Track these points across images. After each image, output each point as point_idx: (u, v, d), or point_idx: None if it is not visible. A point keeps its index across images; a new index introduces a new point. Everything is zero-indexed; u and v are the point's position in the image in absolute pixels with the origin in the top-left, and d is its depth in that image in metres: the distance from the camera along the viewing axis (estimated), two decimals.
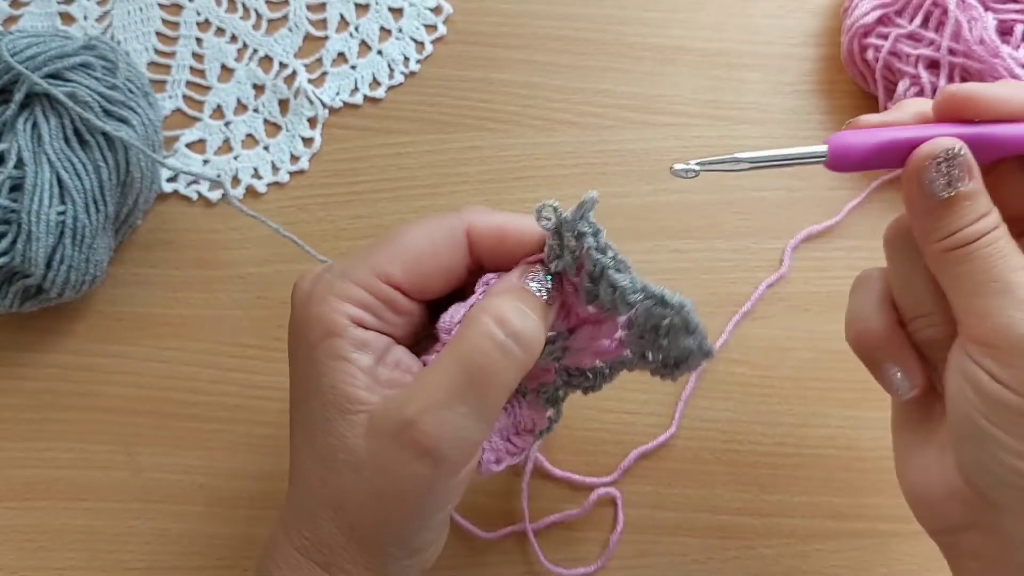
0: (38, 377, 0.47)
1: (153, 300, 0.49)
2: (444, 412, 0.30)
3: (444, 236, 0.33)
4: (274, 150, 0.53)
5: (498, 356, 0.30)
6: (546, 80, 0.54)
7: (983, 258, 0.29)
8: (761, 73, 0.54)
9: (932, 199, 0.30)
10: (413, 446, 0.30)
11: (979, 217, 0.30)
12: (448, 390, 0.30)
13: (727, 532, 0.44)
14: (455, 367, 0.30)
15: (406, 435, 0.30)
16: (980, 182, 0.30)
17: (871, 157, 0.32)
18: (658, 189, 0.51)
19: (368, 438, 0.30)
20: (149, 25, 0.55)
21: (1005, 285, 0.29)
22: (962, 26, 0.47)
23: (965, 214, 0.30)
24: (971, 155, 0.30)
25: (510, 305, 0.31)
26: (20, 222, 0.43)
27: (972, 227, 0.30)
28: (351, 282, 0.32)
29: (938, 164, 0.30)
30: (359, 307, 0.32)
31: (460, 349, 0.30)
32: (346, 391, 0.31)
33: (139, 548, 0.44)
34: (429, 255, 0.32)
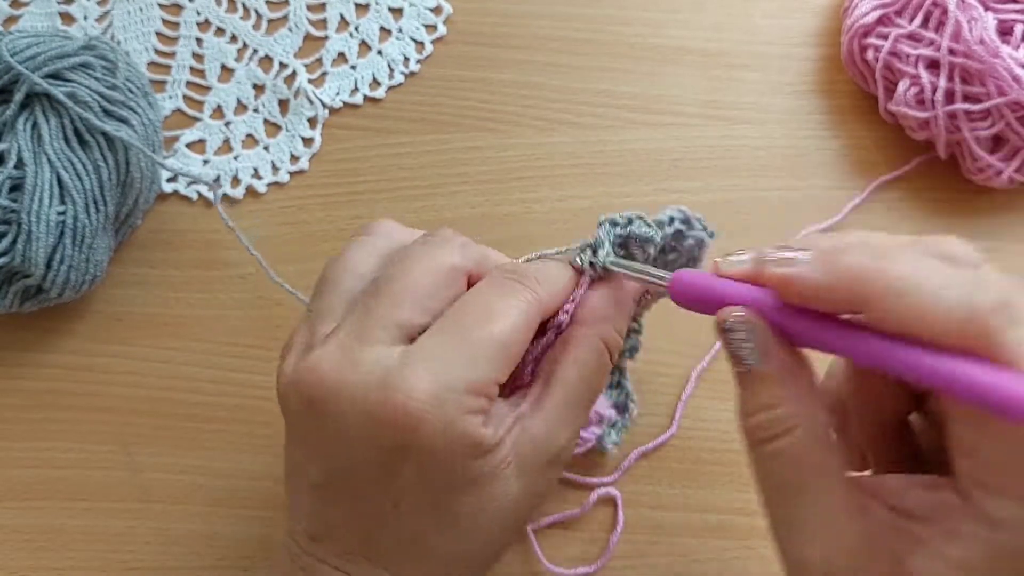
0: (38, 377, 0.47)
1: (153, 300, 0.49)
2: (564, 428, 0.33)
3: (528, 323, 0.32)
4: (274, 150, 0.53)
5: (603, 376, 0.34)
6: (546, 80, 0.54)
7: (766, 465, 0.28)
8: (761, 73, 0.54)
9: (735, 368, 0.28)
10: (562, 466, 0.34)
11: (766, 406, 0.28)
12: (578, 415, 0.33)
13: (727, 532, 0.44)
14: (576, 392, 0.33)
15: (559, 459, 0.33)
16: (774, 363, 0.27)
17: (699, 303, 0.30)
18: (658, 189, 0.51)
19: (521, 478, 0.32)
20: (149, 25, 0.55)
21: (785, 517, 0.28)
22: (962, 26, 0.47)
23: (747, 400, 0.28)
24: (765, 331, 0.28)
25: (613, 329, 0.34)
26: (20, 222, 0.43)
27: (750, 420, 0.28)
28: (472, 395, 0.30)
29: (723, 334, 0.28)
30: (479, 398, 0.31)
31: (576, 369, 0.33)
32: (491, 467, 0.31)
33: (139, 548, 0.44)
34: (522, 345, 0.32)
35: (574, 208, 0.51)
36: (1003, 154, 0.48)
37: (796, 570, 0.28)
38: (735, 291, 0.29)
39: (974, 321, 0.24)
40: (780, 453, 0.28)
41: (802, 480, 0.27)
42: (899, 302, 0.24)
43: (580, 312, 0.34)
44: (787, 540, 0.28)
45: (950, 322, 0.24)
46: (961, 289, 0.24)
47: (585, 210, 0.50)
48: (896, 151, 0.51)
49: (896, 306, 0.24)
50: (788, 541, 0.28)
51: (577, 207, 0.51)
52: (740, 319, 0.28)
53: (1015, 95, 0.45)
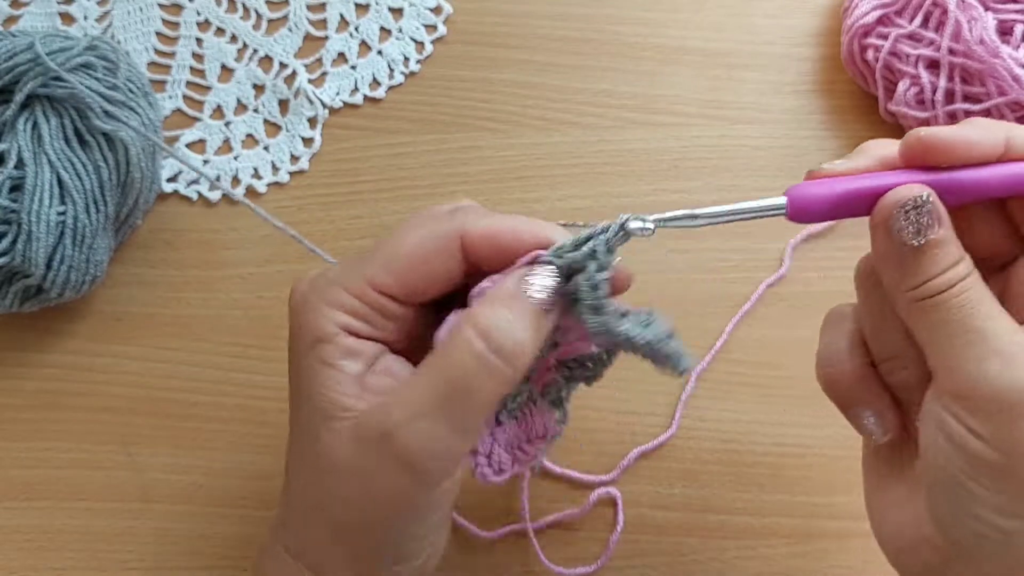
0: (38, 377, 0.47)
1: (153, 300, 0.49)
2: (423, 424, 0.29)
3: (436, 242, 0.32)
4: (274, 150, 0.53)
5: (479, 371, 0.29)
6: (546, 80, 0.54)
7: (956, 308, 0.29)
8: (761, 73, 0.54)
9: (901, 248, 0.29)
10: (392, 458, 0.29)
11: (950, 265, 0.29)
12: (428, 403, 0.29)
13: (727, 532, 0.44)
14: (436, 380, 0.30)
15: (385, 446, 0.29)
16: (950, 230, 0.29)
17: (834, 208, 0.31)
18: (658, 189, 0.51)
19: (351, 444, 0.30)
20: (149, 25, 0.55)
21: (979, 335, 0.28)
22: (962, 26, 0.47)
23: (936, 263, 0.29)
24: (940, 202, 0.29)
25: (497, 316, 0.30)
26: (20, 222, 0.43)
27: (943, 276, 0.29)
28: (343, 289, 0.32)
29: (906, 212, 0.29)
30: (350, 314, 0.31)
31: (441, 362, 0.30)
32: (332, 397, 0.31)
33: (139, 548, 0.44)
34: (420, 262, 0.32)
35: (574, 208, 0.51)
36: None
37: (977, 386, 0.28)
38: (878, 181, 0.30)
39: None
40: (968, 292, 0.29)
41: (985, 312, 0.29)
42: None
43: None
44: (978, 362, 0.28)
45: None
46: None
47: (585, 210, 0.50)
48: None
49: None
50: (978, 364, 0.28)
51: (577, 207, 0.51)
52: (924, 196, 0.29)
53: (1015, 95, 0.45)
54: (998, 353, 0.28)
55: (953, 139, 0.30)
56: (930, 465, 0.29)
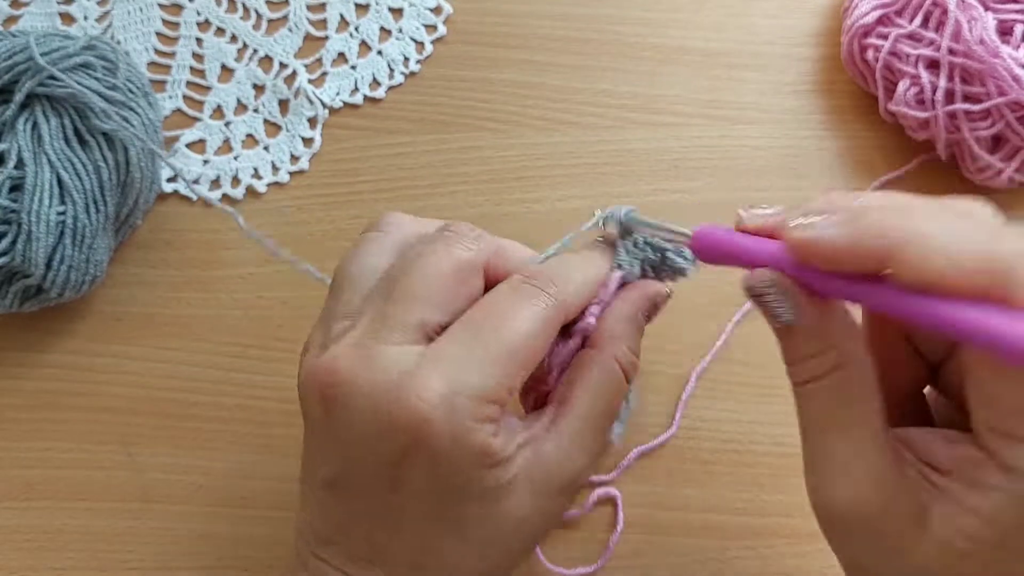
0: (38, 377, 0.47)
1: (153, 300, 0.49)
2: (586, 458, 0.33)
3: (550, 333, 0.32)
4: (274, 150, 0.53)
5: (620, 396, 0.34)
6: (546, 80, 0.54)
7: (806, 409, 0.29)
8: (761, 73, 0.54)
9: (771, 324, 0.29)
10: (576, 490, 0.34)
11: (804, 358, 0.28)
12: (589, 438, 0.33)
13: (727, 532, 0.44)
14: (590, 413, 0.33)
15: (574, 484, 0.33)
16: (807, 319, 0.28)
17: (725, 258, 0.31)
18: (658, 189, 0.51)
19: (533, 500, 0.32)
20: (149, 25, 0.55)
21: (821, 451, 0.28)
22: (962, 26, 0.47)
23: (790, 351, 0.29)
24: (795, 291, 0.28)
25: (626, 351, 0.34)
26: (20, 222, 0.43)
27: (798, 367, 0.29)
28: (489, 403, 0.30)
29: (757, 296, 0.28)
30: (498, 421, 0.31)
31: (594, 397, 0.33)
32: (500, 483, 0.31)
33: (139, 548, 0.44)
34: (539, 356, 0.32)
35: (574, 208, 0.51)
36: (1003, 154, 0.48)
37: (826, 508, 0.29)
38: (759, 247, 0.29)
39: (995, 269, 0.24)
40: (817, 393, 0.28)
41: (837, 417, 0.28)
42: (921, 253, 0.25)
43: (594, 334, 0.34)
44: (821, 477, 0.28)
45: (972, 271, 0.24)
46: (981, 239, 0.25)
47: (585, 210, 0.50)
48: (896, 151, 0.51)
49: (918, 257, 0.25)
50: (822, 478, 0.28)
51: (577, 207, 0.51)
52: (768, 281, 0.28)
53: (1015, 95, 0.45)
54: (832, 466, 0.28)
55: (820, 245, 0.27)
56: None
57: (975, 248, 0.24)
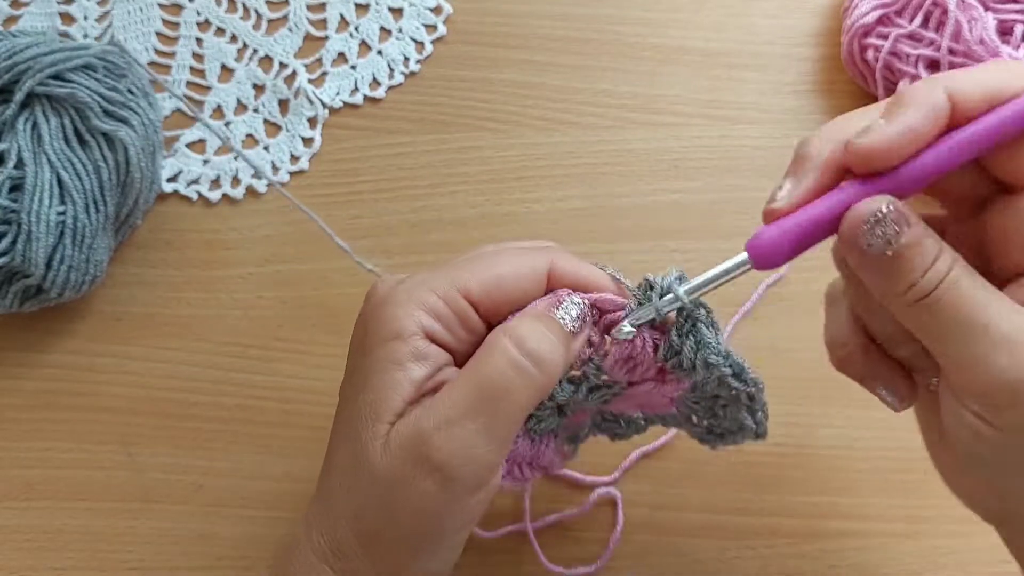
0: (38, 377, 0.47)
1: (153, 300, 0.49)
2: (455, 428, 0.29)
3: (528, 267, 0.32)
4: (274, 150, 0.53)
5: (512, 374, 0.30)
6: (546, 80, 0.54)
7: (947, 306, 0.28)
8: (761, 73, 0.54)
9: (879, 259, 0.29)
10: (424, 461, 0.29)
11: (931, 264, 0.28)
12: (461, 406, 0.29)
13: (727, 532, 0.44)
14: (471, 384, 0.30)
15: (418, 450, 0.29)
16: (919, 227, 0.28)
17: (796, 247, 0.30)
18: (658, 189, 0.51)
19: (386, 448, 0.30)
20: (149, 25, 0.55)
21: (978, 329, 0.28)
22: (962, 26, 0.47)
23: (915, 266, 0.28)
24: (900, 204, 0.28)
25: (530, 326, 0.31)
26: (20, 222, 0.43)
27: (926, 277, 0.28)
28: (431, 291, 0.31)
29: (870, 228, 0.28)
30: (433, 316, 0.31)
31: (477, 366, 0.30)
32: (387, 396, 0.30)
33: (139, 548, 0.44)
34: (510, 280, 0.32)
35: (574, 208, 0.51)
36: None
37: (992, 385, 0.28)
38: (829, 205, 0.29)
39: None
40: (957, 281, 0.28)
41: (980, 301, 0.28)
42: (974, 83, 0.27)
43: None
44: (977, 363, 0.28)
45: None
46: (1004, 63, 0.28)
47: (585, 210, 0.51)
48: None
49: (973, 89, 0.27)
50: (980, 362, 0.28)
51: (577, 207, 0.51)
52: (883, 208, 0.28)
53: None
54: (1001, 344, 0.27)
55: (885, 143, 0.28)
56: (958, 449, 0.30)
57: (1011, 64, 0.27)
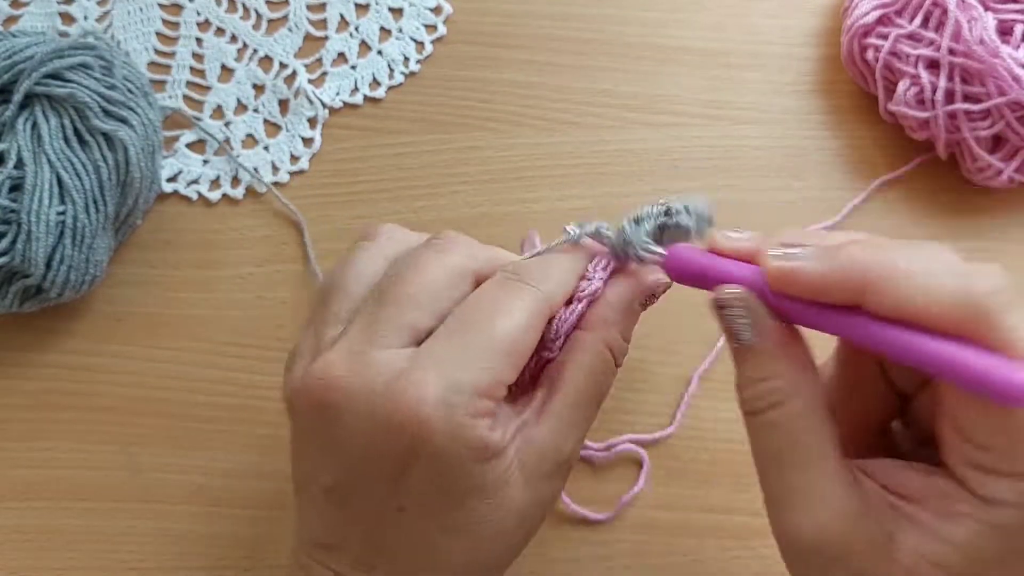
0: (38, 377, 0.47)
1: (153, 300, 0.49)
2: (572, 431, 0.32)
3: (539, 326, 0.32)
4: (274, 150, 0.53)
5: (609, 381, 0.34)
6: (546, 80, 0.54)
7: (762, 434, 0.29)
8: (761, 73, 0.54)
9: (730, 343, 0.29)
10: (567, 472, 0.33)
11: (760, 380, 0.28)
12: (583, 422, 0.33)
13: (727, 532, 0.44)
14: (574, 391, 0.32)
15: (565, 466, 0.33)
16: (769, 341, 0.28)
17: (694, 280, 0.31)
18: (658, 189, 0.51)
19: (527, 486, 0.31)
20: (149, 25, 0.55)
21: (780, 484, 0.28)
22: (962, 26, 0.47)
23: (746, 373, 0.29)
24: (761, 311, 0.28)
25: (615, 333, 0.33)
26: (20, 222, 0.43)
27: (752, 389, 0.29)
28: (482, 397, 0.30)
29: (721, 310, 0.29)
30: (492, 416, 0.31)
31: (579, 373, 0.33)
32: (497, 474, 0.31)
33: (139, 548, 0.44)
34: (529, 350, 0.32)
35: (574, 208, 0.51)
36: (1003, 154, 0.48)
37: (788, 541, 0.28)
38: (731, 268, 0.29)
39: (971, 305, 0.24)
40: (775, 423, 0.28)
41: (796, 449, 0.28)
42: (898, 286, 0.25)
43: (588, 317, 0.34)
44: (780, 510, 0.28)
45: (948, 306, 0.25)
46: (959, 275, 0.25)
47: (585, 210, 0.50)
48: (896, 151, 0.51)
49: (895, 290, 0.25)
50: (781, 511, 0.28)
51: (577, 207, 0.51)
52: (736, 296, 0.28)
53: (1015, 95, 0.45)
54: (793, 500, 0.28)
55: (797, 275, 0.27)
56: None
57: (951, 284, 0.25)
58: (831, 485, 0.28)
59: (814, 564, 0.28)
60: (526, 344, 0.31)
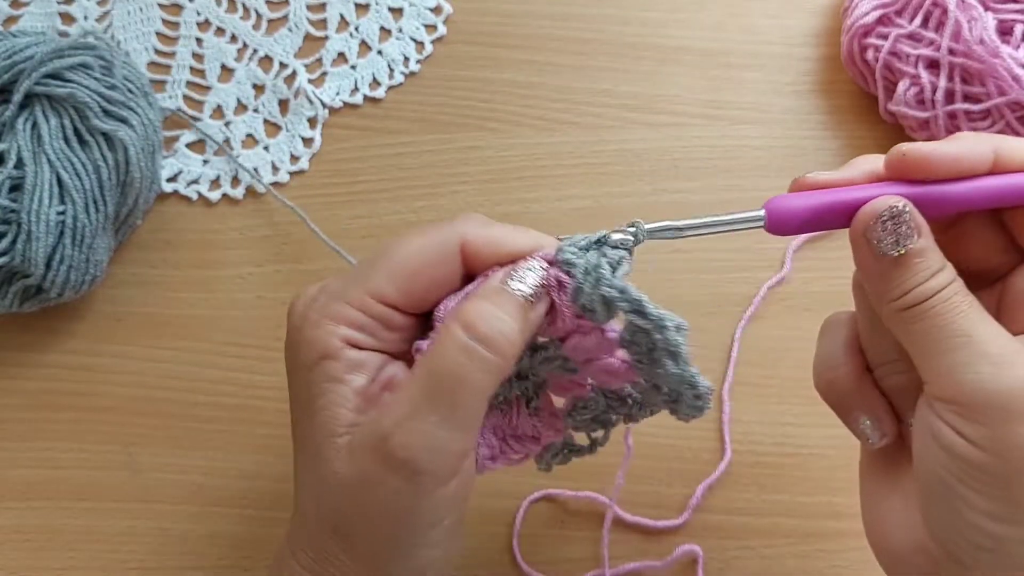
0: (38, 377, 0.47)
1: (153, 300, 0.49)
2: (414, 423, 0.29)
3: (437, 250, 0.32)
4: (274, 150, 0.53)
5: (464, 361, 0.29)
6: (546, 80, 0.54)
7: (940, 315, 0.29)
8: (761, 73, 0.54)
9: (882, 259, 0.30)
10: (389, 460, 0.29)
11: (932, 274, 0.29)
12: (418, 400, 0.29)
13: (727, 532, 0.44)
14: (425, 376, 0.29)
15: (381, 449, 0.29)
16: (930, 239, 0.30)
17: (812, 221, 0.31)
18: (658, 189, 0.51)
19: (350, 457, 0.30)
20: (149, 25, 0.55)
21: (966, 340, 0.28)
22: (962, 26, 0.47)
23: (917, 272, 0.29)
24: (917, 212, 0.29)
25: (481, 308, 0.30)
26: (20, 222, 0.43)
27: (925, 285, 0.29)
28: (345, 303, 0.31)
29: (884, 223, 0.29)
30: (353, 328, 0.31)
31: (430, 357, 0.30)
32: (335, 413, 0.31)
33: (139, 548, 0.44)
34: (422, 271, 0.32)
35: (574, 208, 0.51)
36: None
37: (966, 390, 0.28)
38: (857, 192, 0.30)
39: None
40: (951, 299, 0.29)
41: (972, 318, 0.29)
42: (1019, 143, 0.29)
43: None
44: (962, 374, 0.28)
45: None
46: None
47: (585, 210, 0.50)
48: None
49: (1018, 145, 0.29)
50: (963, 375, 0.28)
51: (577, 207, 0.51)
52: (901, 207, 0.29)
53: (1015, 95, 0.45)
54: (986, 357, 0.28)
55: (936, 154, 0.30)
56: (924, 471, 0.29)
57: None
58: (1010, 340, 0.29)
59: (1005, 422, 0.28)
60: (411, 265, 0.31)
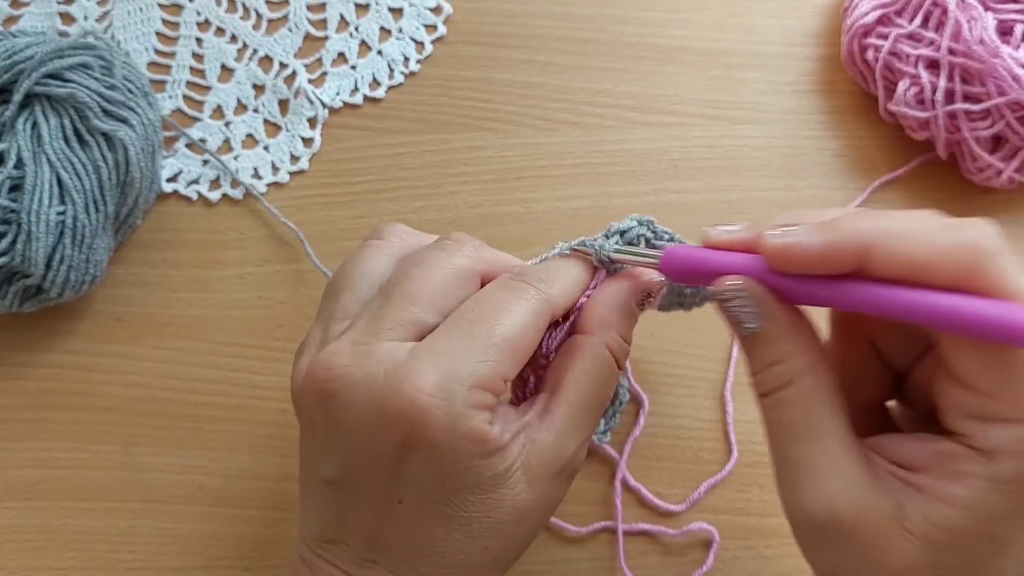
0: (38, 377, 0.47)
1: (153, 300, 0.49)
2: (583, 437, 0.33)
3: (541, 324, 0.32)
4: (274, 150, 0.53)
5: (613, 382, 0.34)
6: (546, 80, 0.54)
7: (775, 412, 0.29)
8: (761, 73, 0.54)
9: (737, 333, 0.30)
10: (572, 476, 0.33)
11: (773, 363, 0.29)
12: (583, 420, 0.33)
13: (727, 532, 0.44)
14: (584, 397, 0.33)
15: (569, 469, 0.33)
16: (778, 324, 0.29)
17: (694, 277, 0.31)
18: (658, 189, 0.51)
19: (531, 487, 0.31)
20: (149, 25, 0.55)
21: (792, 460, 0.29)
22: (962, 26, 0.47)
23: (758, 358, 0.29)
24: (767, 297, 0.29)
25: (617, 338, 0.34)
26: (20, 222, 0.43)
27: (765, 374, 0.29)
28: (484, 390, 0.30)
29: (725, 302, 0.29)
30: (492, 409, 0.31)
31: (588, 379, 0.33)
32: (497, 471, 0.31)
33: (139, 548, 0.44)
34: (531, 347, 0.32)
35: (574, 208, 0.51)
36: (1003, 154, 0.48)
37: (799, 515, 0.29)
38: (728, 260, 0.30)
39: (970, 249, 0.25)
40: (787, 400, 0.29)
41: (808, 424, 0.29)
42: (899, 243, 0.26)
43: (583, 320, 0.34)
44: (792, 485, 0.29)
45: (948, 253, 0.26)
46: (954, 227, 0.26)
47: (585, 210, 0.51)
48: (896, 151, 0.52)
49: (897, 247, 0.26)
50: (793, 486, 0.29)
51: (577, 207, 0.51)
52: (739, 285, 0.29)
53: (1015, 95, 0.45)
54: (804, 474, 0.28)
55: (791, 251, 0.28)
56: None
57: (948, 235, 0.26)
58: (842, 459, 0.28)
59: (825, 539, 0.28)
60: (526, 341, 0.32)
